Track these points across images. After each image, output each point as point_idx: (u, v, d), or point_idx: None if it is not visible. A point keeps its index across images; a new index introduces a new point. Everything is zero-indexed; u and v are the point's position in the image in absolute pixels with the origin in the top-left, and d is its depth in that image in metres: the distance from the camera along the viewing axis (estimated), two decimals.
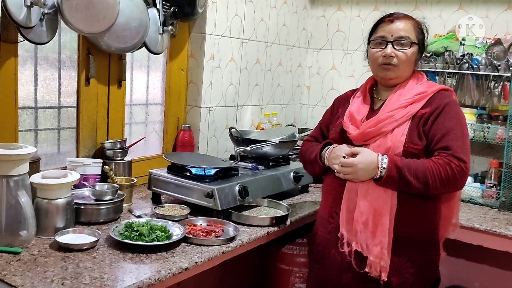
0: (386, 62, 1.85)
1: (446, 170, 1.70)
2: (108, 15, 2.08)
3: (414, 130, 1.79)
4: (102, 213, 1.96)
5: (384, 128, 1.80)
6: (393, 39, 1.84)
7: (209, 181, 2.16)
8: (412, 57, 1.86)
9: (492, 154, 2.96)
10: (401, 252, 1.79)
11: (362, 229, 1.80)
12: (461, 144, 1.75)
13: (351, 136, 1.87)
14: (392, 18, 1.87)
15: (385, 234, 1.76)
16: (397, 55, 1.84)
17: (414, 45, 1.85)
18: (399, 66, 1.85)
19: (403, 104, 1.81)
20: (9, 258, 1.58)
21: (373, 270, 1.79)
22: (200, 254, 1.76)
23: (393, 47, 1.84)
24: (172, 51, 2.75)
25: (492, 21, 2.97)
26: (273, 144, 2.51)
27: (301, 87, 3.74)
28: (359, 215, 1.80)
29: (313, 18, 3.67)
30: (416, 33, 1.87)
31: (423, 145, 1.78)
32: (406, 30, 1.85)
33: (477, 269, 2.99)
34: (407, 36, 1.84)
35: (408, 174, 1.71)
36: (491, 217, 2.54)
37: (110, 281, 1.48)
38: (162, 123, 2.80)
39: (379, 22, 1.91)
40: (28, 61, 2.10)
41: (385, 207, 1.76)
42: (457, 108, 1.83)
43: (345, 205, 1.85)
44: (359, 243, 1.81)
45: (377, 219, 1.77)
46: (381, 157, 1.75)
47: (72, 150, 2.33)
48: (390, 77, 1.88)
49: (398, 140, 1.77)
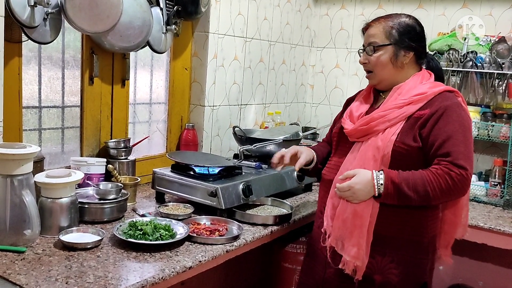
0: (365, 69, 1.91)
1: (446, 180, 1.66)
2: (112, 14, 2.08)
3: (408, 131, 1.76)
4: (106, 212, 1.97)
5: (376, 127, 1.79)
6: (365, 46, 1.88)
7: (212, 180, 2.16)
8: (385, 59, 1.83)
9: (496, 153, 2.95)
10: (385, 252, 1.78)
11: (340, 226, 1.79)
12: (463, 150, 1.69)
13: (346, 131, 1.89)
14: (367, 26, 1.91)
15: (363, 236, 1.74)
16: (369, 60, 1.86)
17: (382, 48, 1.83)
18: (374, 72, 1.87)
19: (398, 105, 1.79)
20: (14, 257, 1.59)
21: (346, 268, 1.78)
22: (204, 253, 1.76)
23: (368, 53, 1.86)
24: (176, 50, 2.75)
25: (496, 19, 2.96)
26: (276, 143, 2.51)
27: (305, 86, 3.74)
28: (340, 212, 1.79)
29: (316, 16, 3.67)
30: (387, 34, 1.83)
31: (416, 147, 1.74)
32: (374, 34, 1.85)
33: (481, 268, 2.98)
34: (374, 41, 1.84)
35: (406, 189, 1.67)
36: (495, 216, 2.54)
37: (114, 280, 1.49)
38: (165, 122, 2.81)
39: (362, 31, 1.94)
40: (32, 61, 2.10)
41: (366, 209, 1.74)
42: (460, 111, 1.76)
43: (331, 201, 1.86)
44: (335, 240, 1.80)
45: (357, 220, 1.75)
46: (376, 174, 1.71)
47: (76, 149, 2.34)
48: (373, 84, 1.92)
49: (388, 140, 1.75)
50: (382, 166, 1.75)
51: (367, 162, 1.78)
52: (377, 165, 1.76)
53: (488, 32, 2.93)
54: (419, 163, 1.76)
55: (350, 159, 1.85)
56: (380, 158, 1.76)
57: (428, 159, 1.75)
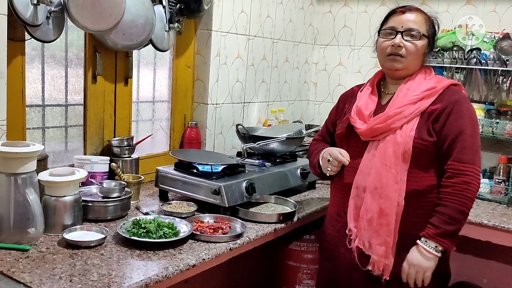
0: (394, 52, 1.83)
1: (466, 191, 1.70)
2: (115, 12, 2.08)
3: (423, 126, 1.77)
4: (109, 210, 1.97)
5: (393, 125, 1.79)
6: (403, 29, 1.82)
7: (216, 178, 2.16)
8: (421, 49, 1.84)
9: (500, 150, 2.93)
10: (410, 249, 1.78)
11: (366, 226, 1.80)
12: (471, 144, 1.73)
13: (359, 131, 1.86)
14: (404, 9, 1.86)
15: (390, 234, 1.76)
16: (406, 46, 1.82)
17: (424, 38, 1.83)
18: (407, 57, 1.83)
19: (412, 100, 1.79)
20: (18, 255, 1.59)
21: (376, 269, 1.79)
22: (207, 251, 1.76)
23: (402, 37, 1.82)
24: (179, 48, 2.75)
25: (500, 15, 2.94)
26: (280, 141, 2.51)
27: (308, 84, 3.73)
28: (364, 213, 1.80)
29: (319, 14, 3.66)
30: (427, 26, 1.85)
31: (432, 141, 1.76)
32: (417, 22, 1.83)
33: (485, 265, 2.97)
34: (417, 28, 1.82)
35: (450, 227, 1.70)
36: (500, 213, 2.53)
37: (118, 278, 1.49)
38: (169, 120, 2.81)
39: (391, 13, 1.89)
40: (35, 59, 2.11)
41: (391, 207, 1.75)
42: (467, 104, 1.80)
43: (353, 201, 1.85)
44: (362, 240, 1.81)
45: (383, 219, 1.76)
46: (422, 245, 1.73)
47: (79, 148, 2.34)
48: (396, 67, 1.85)
49: (408, 136, 1.76)
50: (404, 163, 1.76)
51: (388, 159, 1.77)
52: (398, 161, 1.76)
53: (492, 29, 2.91)
54: (434, 157, 1.78)
55: (368, 157, 1.83)
56: (401, 154, 1.76)
57: (441, 154, 1.77)
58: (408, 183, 1.76)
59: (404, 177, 1.76)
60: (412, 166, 1.76)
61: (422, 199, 1.78)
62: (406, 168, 1.76)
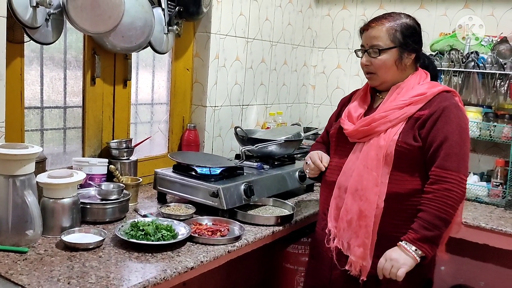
0: (365, 71, 1.89)
1: (447, 198, 1.69)
2: (114, 15, 2.08)
3: (409, 131, 1.77)
4: (108, 212, 1.97)
5: (377, 128, 1.80)
6: (368, 47, 1.85)
7: (214, 181, 2.16)
8: (389, 62, 1.82)
9: (498, 153, 2.94)
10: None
11: (345, 227, 1.81)
12: (457, 151, 1.72)
13: (346, 132, 1.89)
14: (367, 27, 1.87)
15: (368, 236, 1.77)
16: (373, 62, 1.84)
17: (386, 51, 1.81)
18: (377, 73, 1.85)
19: (399, 105, 1.80)
20: (16, 258, 1.59)
21: (353, 269, 1.81)
22: (205, 253, 1.76)
23: (370, 55, 1.84)
24: (177, 51, 2.75)
25: (498, 19, 2.95)
26: (278, 143, 2.51)
27: (306, 86, 3.74)
28: (344, 213, 1.82)
29: (318, 17, 3.66)
30: (392, 36, 1.82)
31: (417, 146, 1.76)
32: (378, 37, 1.82)
33: (482, 268, 2.97)
34: (378, 44, 1.82)
35: (429, 233, 1.69)
36: (497, 216, 2.53)
37: (116, 280, 1.49)
38: (167, 123, 2.81)
39: (360, 31, 1.91)
40: (34, 61, 2.11)
41: (371, 210, 1.76)
42: (457, 111, 1.78)
43: (334, 202, 1.87)
44: (341, 241, 1.83)
45: (362, 220, 1.77)
46: (404, 246, 1.72)
47: (78, 150, 2.34)
48: (373, 84, 1.91)
49: (391, 139, 1.77)
50: (386, 166, 1.76)
51: (370, 161, 1.79)
52: (380, 164, 1.77)
53: (490, 33, 2.92)
54: (420, 162, 1.78)
55: (352, 159, 1.86)
56: (383, 157, 1.77)
57: (426, 160, 1.77)
58: (390, 185, 1.77)
59: (386, 180, 1.77)
60: (395, 169, 1.77)
61: (405, 202, 1.77)
62: (387, 171, 1.77)
